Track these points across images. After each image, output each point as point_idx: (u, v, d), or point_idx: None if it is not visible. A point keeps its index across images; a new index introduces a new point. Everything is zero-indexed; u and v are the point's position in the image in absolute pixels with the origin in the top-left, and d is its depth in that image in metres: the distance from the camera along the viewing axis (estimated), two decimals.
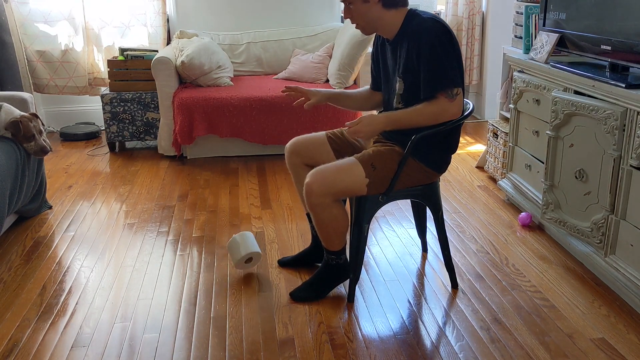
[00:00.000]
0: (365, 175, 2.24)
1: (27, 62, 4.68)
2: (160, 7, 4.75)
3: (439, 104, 2.18)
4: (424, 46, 2.17)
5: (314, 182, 2.23)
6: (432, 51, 2.16)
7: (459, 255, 2.82)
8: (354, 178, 2.24)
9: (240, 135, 4.14)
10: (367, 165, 2.25)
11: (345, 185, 2.25)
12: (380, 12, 2.25)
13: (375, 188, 2.29)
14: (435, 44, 2.16)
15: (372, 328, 2.26)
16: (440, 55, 2.16)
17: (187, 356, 2.11)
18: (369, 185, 2.26)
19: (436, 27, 2.19)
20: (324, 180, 2.23)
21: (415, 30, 2.21)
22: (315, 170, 2.26)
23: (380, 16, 2.25)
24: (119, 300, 2.47)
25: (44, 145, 3.13)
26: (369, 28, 2.31)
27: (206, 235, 3.07)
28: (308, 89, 2.52)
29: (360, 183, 2.25)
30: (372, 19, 2.27)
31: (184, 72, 4.22)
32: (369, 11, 2.25)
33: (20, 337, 2.22)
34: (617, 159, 2.35)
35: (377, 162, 2.26)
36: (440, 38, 2.17)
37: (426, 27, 2.19)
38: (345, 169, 2.24)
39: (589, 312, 2.34)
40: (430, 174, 2.36)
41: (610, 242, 2.42)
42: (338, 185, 2.24)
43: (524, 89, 3.09)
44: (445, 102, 2.17)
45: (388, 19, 2.27)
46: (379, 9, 2.24)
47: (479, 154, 4.24)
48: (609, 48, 2.48)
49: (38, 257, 2.86)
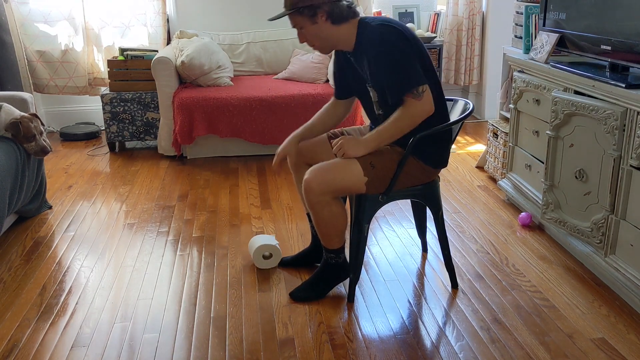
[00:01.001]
0: (364, 174, 2.24)
1: (27, 62, 4.68)
2: (160, 7, 4.75)
3: (408, 106, 2.18)
4: (379, 55, 2.18)
5: (313, 180, 2.23)
6: (387, 58, 2.16)
7: (459, 255, 2.82)
8: (352, 176, 2.24)
9: (240, 135, 4.14)
10: (366, 164, 2.25)
11: (343, 183, 2.25)
12: (331, 29, 2.24)
13: (374, 187, 2.29)
14: (389, 50, 2.16)
15: (372, 328, 2.26)
16: (396, 59, 2.16)
17: (187, 356, 2.11)
18: (367, 184, 2.26)
19: (386, 32, 2.18)
20: (323, 177, 2.23)
21: (368, 41, 2.21)
22: (314, 167, 2.26)
23: (332, 33, 2.25)
24: (119, 300, 2.47)
25: (44, 145, 3.13)
26: (326, 47, 2.31)
27: (206, 235, 3.07)
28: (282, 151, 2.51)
29: (358, 181, 2.25)
30: (326, 38, 2.26)
31: (184, 72, 4.22)
32: (320, 31, 2.24)
33: (20, 337, 2.22)
34: (617, 159, 2.35)
35: (377, 161, 2.26)
36: (392, 42, 2.17)
37: (376, 36, 2.19)
38: (344, 167, 2.24)
39: (589, 312, 2.34)
40: (429, 172, 2.36)
41: (610, 242, 2.42)
42: (337, 183, 2.24)
43: (524, 89, 3.09)
44: (413, 102, 2.17)
45: (341, 34, 2.26)
46: (329, 27, 2.23)
47: (479, 154, 4.24)
48: (609, 48, 2.48)
49: (38, 257, 2.86)
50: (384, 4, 5.28)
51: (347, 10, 2.24)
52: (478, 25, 5.11)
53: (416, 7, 5.26)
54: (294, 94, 4.14)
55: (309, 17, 2.21)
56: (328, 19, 2.21)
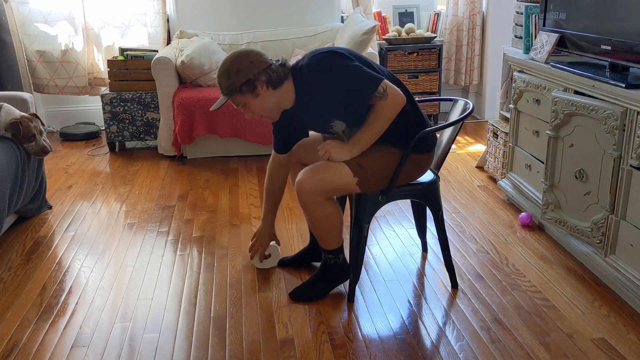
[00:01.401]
0: (353, 174, 2.24)
1: (27, 62, 4.68)
2: (160, 7, 4.75)
3: (378, 108, 2.17)
4: (327, 85, 2.16)
5: (305, 181, 2.23)
6: (334, 80, 2.15)
7: (459, 255, 2.82)
8: (342, 177, 2.24)
9: (240, 135, 4.14)
10: (353, 164, 2.24)
11: (334, 184, 2.24)
12: (273, 94, 2.21)
13: (368, 186, 2.28)
14: (332, 74, 2.15)
15: (372, 328, 2.26)
16: (343, 77, 2.15)
17: (187, 356, 2.11)
18: (360, 184, 2.26)
19: (319, 61, 2.17)
20: (314, 178, 2.23)
21: (309, 82, 2.19)
22: (306, 169, 2.26)
23: (276, 98, 2.22)
24: (119, 300, 2.47)
25: (45, 145, 3.14)
26: (275, 113, 2.27)
27: (206, 235, 3.07)
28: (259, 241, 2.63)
29: (349, 182, 2.25)
30: (272, 104, 2.23)
31: (184, 72, 4.22)
32: (264, 101, 2.21)
33: (20, 337, 2.22)
34: (617, 159, 2.35)
35: (364, 161, 2.25)
36: (330, 66, 2.16)
37: (313, 70, 2.17)
38: (333, 168, 2.24)
39: (589, 312, 2.34)
40: (422, 160, 2.34)
41: (610, 242, 2.42)
42: (328, 184, 2.24)
43: (524, 89, 3.09)
44: (381, 103, 2.16)
45: (284, 95, 2.23)
46: (271, 93, 2.20)
47: (479, 154, 4.24)
48: (609, 48, 2.48)
49: (38, 257, 2.86)
50: (384, 4, 5.28)
51: (282, 70, 2.21)
52: (478, 25, 5.12)
53: (416, 7, 5.26)
54: None
55: (250, 92, 2.17)
56: (269, 87, 2.18)
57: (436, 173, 2.51)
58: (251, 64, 2.16)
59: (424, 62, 4.98)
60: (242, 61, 2.16)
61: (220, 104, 2.21)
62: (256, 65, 2.16)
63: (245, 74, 2.15)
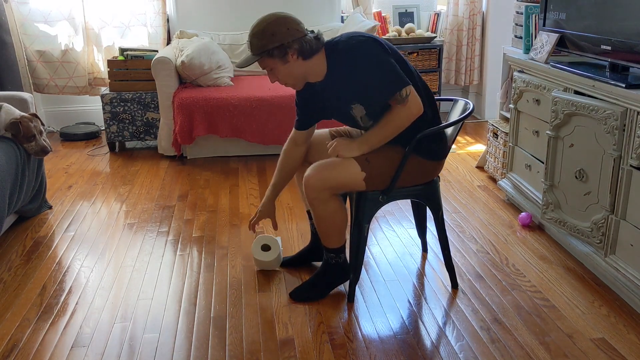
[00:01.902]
0: (361, 169, 2.24)
1: (27, 62, 4.68)
2: (160, 7, 4.75)
3: (395, 112, 2.17)
4: (357, 67, 2.16)
5: (312, 176, 2.24)
6: (365, 67, 2.15)
7: (459, 255, 2.82)
8: (350, 173, 2.24)
9: (240, 135, 4.14)
10: (361, 159, 2.25)
11: (342, 179, 2.25)
12: (303, 65, 2.20)
13: (373, 183, 2.29)
14: (364, 59, 2.15)
15: (372, 328, 2.26)
16: (373, 67, 2.14)
17: (187, 356, 2.11)
18: (366, 180, 2.26)
19: (358, 43, 2.17)
20: (322, 174, 2.23)
21: (344, 58, 2.19)
22: (315, 164, 2.27)
23: (304, 69, 2.21)
24: (119, 300, 2.47)
25: (45, 145, 3.14)
26: (299, 83, 2.28)
27: (206, 235, 3.07)
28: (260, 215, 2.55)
29: (357, 178, 2.25)
30: (298, 75, 2.23)
31: (184, 72, 4.22)
32: (292, 69, 2.20)
33: (20, 337, 2.22)
34: (617, 159, 2.35)
35: (371, 156, 2.26)
36: (366, 51, 2.15)
37: (348, 50, 2.17)
38: (342, 163, 2.25)
39: (589, 312, 2.34)
40: (428, 166, 2.35)
41: (610, 242, 2.42)
42: (335, 180, 2.24)
43: (524, 89, 3.09)
44: (399, 108, 2.15)
45: (313, 67, 2.22)
46: (300, 64, 2.19)
47: (479, 154, 4.24)
48: (609, 48, 2.48)
49: (38, 257, 2.86)
50: (384, 4, 5.28)
51: (315, 42, 2.20)
52: (478, 25, 5.12)
53: (416, 7, 5.26)
54: (294, 93, 4.13)
55: (280, 58, 2.17)
56: (299, 56, 2.18)
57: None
58: (287, 30, 2.15)
59: (424, 62, 4.98)
60: (278, 25, 2.15)
61: (248, 63, 2.19)
62: (292, 33, 2.15)
63: (279, 38, 2.14)
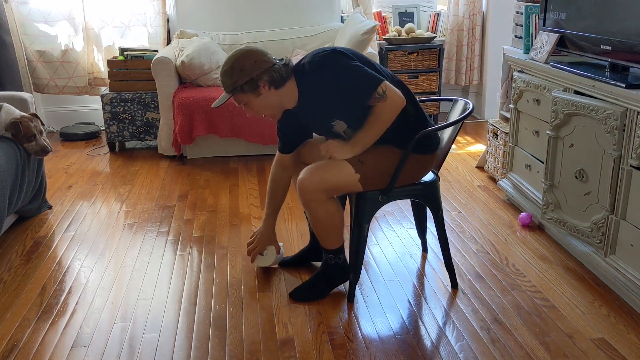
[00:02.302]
0: (355, 170, 2.24)
1: (27, 62, 4.68)
2: (160, 7, 4.75)
3: (379, 108, 2.17)
4: (328, 82, 2.16)
5: (306, 179, 2.24)
6: (336, 80, 2.15)
7: (459, 255, 2.82)
8: (344, 175, 2.24)
9: (240, 135, 4.14)
10: (354, 161, 2.25)
11: (336, 181, 2.25)
12: (276, 94, 2.21)
13: (370, 183, 2.29)
14: (333, 72, 2.15)
15: (372, 328, 2.26)
16: (344, 76, 2.15)
17: (187, 356, 2.11)
18: (362, 181, 2.26)
19: (321, 58, 2.18)
20: (316, 176, 2.23)
21: (311, 79, 2.20)
22: (309, 167, 2.27)
23: (278, 97, 2.23)
24: (119, 300, 2.47)
25: (45, 145, 3.14)
26: (277, 112, 2.29)
27: (206, 235, 3.07)
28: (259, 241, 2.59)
29: (351, 179, 2.25)
30: (274, 104, 2.24)
31: (184, 72, 4.22)
32: (266, 100, 2.21)
33: (20, 337, 2.22)
34: (617, 159, 2.35)
35: (365, 157, 2.26)
36: (331, 64, 2.16)
37: (315, 68, 2.18)
38: (336, 165, 2.25)
39: (589, 312, 2.34)
40: (424, 161, 2.34)
41: (610, 242, 2.42)
42: (330, 182, 2.24)
43: (524, 89, 3.09)
44: (380, 105, 2.16)
45: (287, 94, 2.24)
46: (273, 93, 2.21)
47: (479, 154, 4.24)
48: (609, 48, 2.48)
49: (38, 257, 2.86)
50: (384, 4, 5.28)
51: (285, 70, 2.21)
52: (478, 25, 5.12)
53: (416, 7, 5.26)
54: None
55: (252, 91, 2.18)
56: (271, 86, 2.19)
57: (436, 173, 2.51)
58: (255, 63, 2.16)
59: (424, 62, 4.97)
60: (245, 60, 2.17)
61: (222, 101, 2.22)
62: (259, 65, 2.17)
63: (248, 73, 2.16)
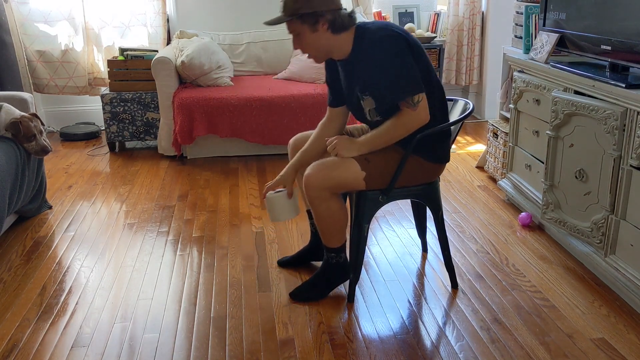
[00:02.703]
0: (361, 168, 2.24)
1: (27, 62, 4.68)
2: (160, 7, 4.75)
3: (403, 115, 2.16)
4: (378, 59, 2.15)
5: (312, 175, 2.24)
6: (386, 62, 2.14)
7: (459, 255, 2.82)
8: (350, 172, 2.24)
9: (240, 135, 4.14)
10: (361, 159, 2.25)
11: (342, 178, 2.25)
12: (330, 38, 2.19)
13: (374, 182, 2.29)
14: (388, 55, 2.14)
15: (372, 328, 2.26)
16: (395, 65, 2.14)
17: (187, 356, 2.11)
18: (366, 179, 2.26)
19: (387, 37, 2.15)
20: (322, 173, 2.23)
21: (368, 45, 2.18)
22: (315, 163, 2.28)
23: (331, 42, 2.20)
24: (119, 300, 2.47)
25: (45, 145, 3.14)
26: (321, 56, 2.27)
27: (206, 235, 3.07)
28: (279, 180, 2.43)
29: (357, 177, 2.25)
30: (323, 47, 2.22)
31: (184, 72, 4.22)
32: (318, 40, 2.19)
33: (20, 337, 2.22)
34: (617, 159, 2.35)
35: (371, 155, 2.26)
36: (393, 47, 2.14)
37: (377, 40, 2.16)
38: (342, 163, 2.25)
39: (589, 312, 2.34)
40: (430, 168, 2.35)
41: (610, 242, 2.42)
42: (335, 179, 2.24)
43: (524, 89, 3.09)
44: (408, 112, 2.15)
45: (340, 43, 2.22)
46: (328, 36, 2.19)
47: (479, 154, 4.24)
48: (609, 48, 2.48)
49: (38, 257, 2.86)
50: (384, 4, 5.28)
51: (348, 19, 2.20)
52: (478, 25, 5.11)
53: (416, 7, 5.26)
54: (294, 94, 4.14)
55: (310, 25, 2.16)
56: (329, 28, 2.17)
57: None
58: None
59: None
60: None
61: (276, 22, 2.18)
62: (327, 3, 2.15)
63: (314, 5, 2.13)
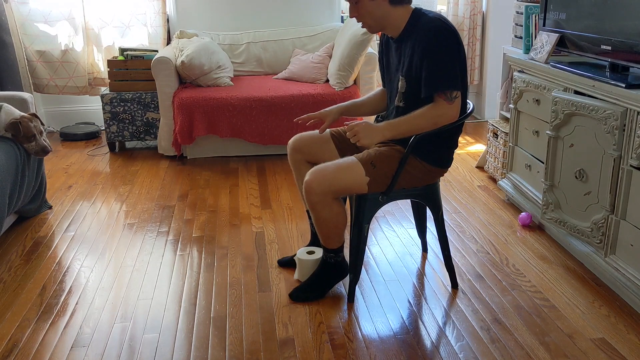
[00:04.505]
0: (365, 173, 2.24)
1: (27, 62, 4.68)
2: (160, 7, 4.75)
3: (437, 106, 2.18)
4: (429, 46, 2.16)
5: (314, 180, 2.23)
6: (436, 52, 2.16)
7: (459, 255, 2.82)
8: (354, 177, 2.24)
9: (240, 135, 4.14)
10: (367, 164, 2.25)
11: (345, 183, 2.25)
12: (387, 9, 2.23)
13: (376, 186, 2.29)
14: (440, 45, 2.16)
15: (372, 328, 2.26)
16: (443, 56, 2.16)
17: (187, 356, 2.11)
18: (369, 184, 2.26)
19: (443, 28, 2.18)
20: (324, 178, 2.23)
21: (422, 30, 2.20)
22: (316, 168, 2.26)
23: (387, 14, 2.24)
24: (119, 300, 2.47)
25: (45, 145, 3.14)
26: (376, 26, 2.29)
27: (206, 235, 3.07)
28: (320, 112, 2.50)
29: (360, 182, 2.25)
30: (379, 17, 2.25)
31: (184, 72, 4.22)
32: (376, 9, 2.22)
33: (20, 337, 2.22)
34: (617, 159, 2.35)
35: (377, 160, 2.26)
36: (446, 40, 2.17)
37: (432, 27, 2.18)
38: (346, 167, 2.25)
39: (589, 312, 2.34)
40: (433, 172, 2.35)
41: (610, 242, 2.42)
42: (338, 184, 2.24)
43: (524, 89, 3.09)
44: (443, 104, 2.17)
45: (395, 17, 2.25)
46: (386, 6, 2.22)
47: (479, 154, 4.24)
48: (609, 48, 2.48)
49: (38, 257, 2.86)
50: None
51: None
52: (478, 25, 5.12)
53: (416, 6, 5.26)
54: (294, 94, 4.14)
55: None
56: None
57: None
58: None
59: None
60: None
61: None
62: None
63: None
